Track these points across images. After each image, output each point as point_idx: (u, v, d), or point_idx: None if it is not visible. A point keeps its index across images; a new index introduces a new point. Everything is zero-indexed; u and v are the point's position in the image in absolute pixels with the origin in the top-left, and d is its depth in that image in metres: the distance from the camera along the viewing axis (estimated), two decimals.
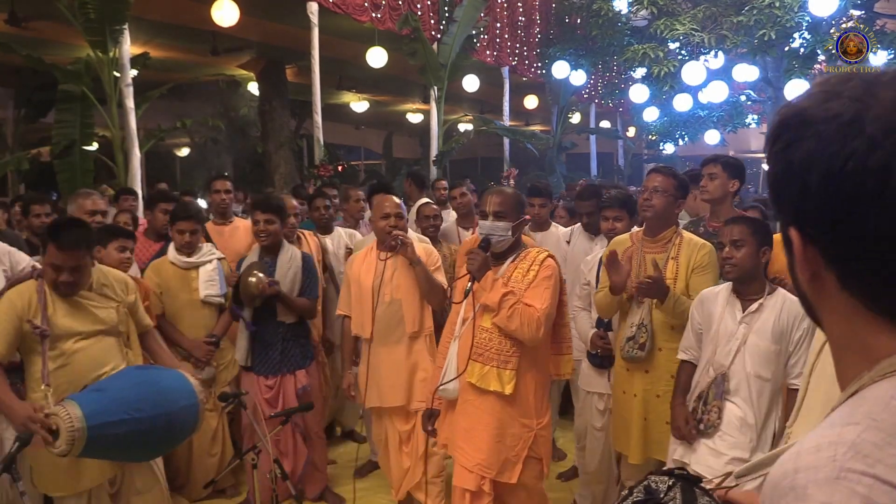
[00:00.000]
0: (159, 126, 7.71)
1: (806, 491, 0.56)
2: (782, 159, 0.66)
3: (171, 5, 8.12)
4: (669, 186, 3.07)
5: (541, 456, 2.78)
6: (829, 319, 0.71)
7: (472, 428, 2.75)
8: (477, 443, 2.72)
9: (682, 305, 2.92)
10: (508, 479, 2.72)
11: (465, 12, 9.92)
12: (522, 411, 2.73)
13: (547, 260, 2.75)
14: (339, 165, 9.84)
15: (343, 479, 4.23)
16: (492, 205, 2.75)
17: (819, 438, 0.60)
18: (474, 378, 2.71)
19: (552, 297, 2.69)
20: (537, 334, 2.63)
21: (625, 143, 17.36)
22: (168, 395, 2.75)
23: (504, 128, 11.74)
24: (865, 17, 9.70)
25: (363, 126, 18.82)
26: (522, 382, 2.72)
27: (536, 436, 2.75)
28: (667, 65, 10.25)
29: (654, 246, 3.11)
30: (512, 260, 2.79)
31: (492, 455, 2.70)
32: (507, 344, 2.69)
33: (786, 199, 0.67)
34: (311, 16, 7.89)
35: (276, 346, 3.67)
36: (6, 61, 8.37)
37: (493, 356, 2.70)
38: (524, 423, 2.73)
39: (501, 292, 2.64)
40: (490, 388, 2.69)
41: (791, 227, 0.67)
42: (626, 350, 3.07)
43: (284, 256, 3.71)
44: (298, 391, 3.71)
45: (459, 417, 2.80)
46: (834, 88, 0.65)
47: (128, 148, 6.53)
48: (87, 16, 6.10)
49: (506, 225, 2.73)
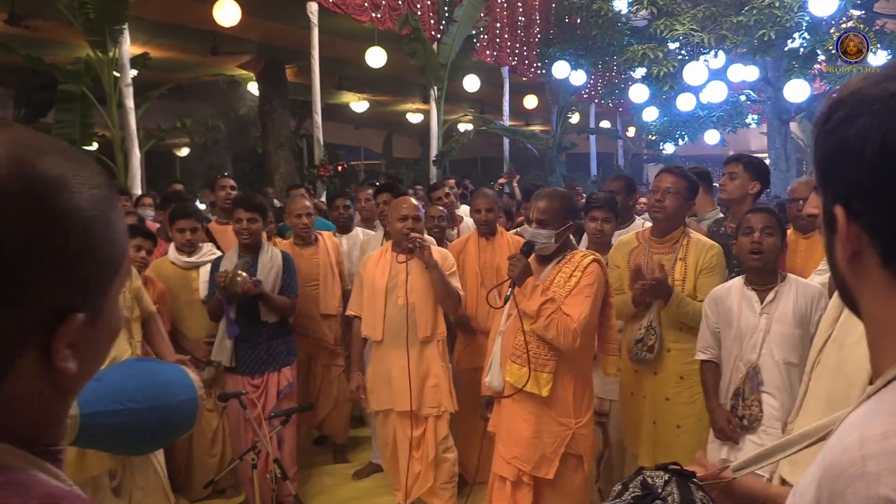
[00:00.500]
0: (159, 126, 7.71)
1: (880, 478, 0.57)
2: (836, 135, 0.68)
3: (171, 5, 8.12)
4: (681, 187, 3.05)
5: (580, 453, 2.78)
6: (867, 301, 0.71)
7: (511, 422, 2.80)
8: (515, 437, 2.77)
9: (686, 307, 2.91)
10: (545, 474, 2.74)
11: (465, 12, 9.92)
12: (561, 411, 2.74)
13: (591, 265, 2.70)
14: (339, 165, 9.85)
15: (344, 480, 4.24)
16: (535, 211, 2.75)
17: (884, 426, 0.61)
18: (512, 378, 2.75)
19: (592, 305, 2.67)
20: (573, 345, 2.62)
21: (625, 143, 17.36)
22: (166, 387, 2.75)
23: (504, 128, 11.75)
24: (865, 17, 9.70)
25: (363, 126, 18.82)
26: (560, 384, 2.73)
27: (575, 434, 2.75)
28: (666, 65, 10.24)
29: (662, 247, 3.09)
30: (557, 262, 2.77)
31: (529, 450, 2.73)
32: (544, 348, 2.70)
33: (836, 175, 0.69)
34: (311, 16, 7.89)
35: (261, 346, 3.66)
36: (6, 61, 8.36)
37: (530, 359, 2.71)
38: (562, 423, 2.74)
39: (540, 301, 2.63)
40: (528, 390, 2.71)
41: (837, 204, 0.69)
42: (635, 352, 3.05)
43: (265, 256, 3.69)
44: (283, 389, 3.70)
45: (504, 410, 2.86)
46: (889, 72, 0.68)
47: (128, 148, 6.53)
48: (87, 16, 6.11)
49: (548, 233, 2.72)
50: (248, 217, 3.63)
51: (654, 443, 3.05)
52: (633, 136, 18.14)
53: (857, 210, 0.67)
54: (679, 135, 12.19)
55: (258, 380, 3.67)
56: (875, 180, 0.65)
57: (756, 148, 17.79)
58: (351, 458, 4.55)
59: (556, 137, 13.78)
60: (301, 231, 4.24)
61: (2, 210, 0.56)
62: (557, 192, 2.89)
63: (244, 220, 3.63)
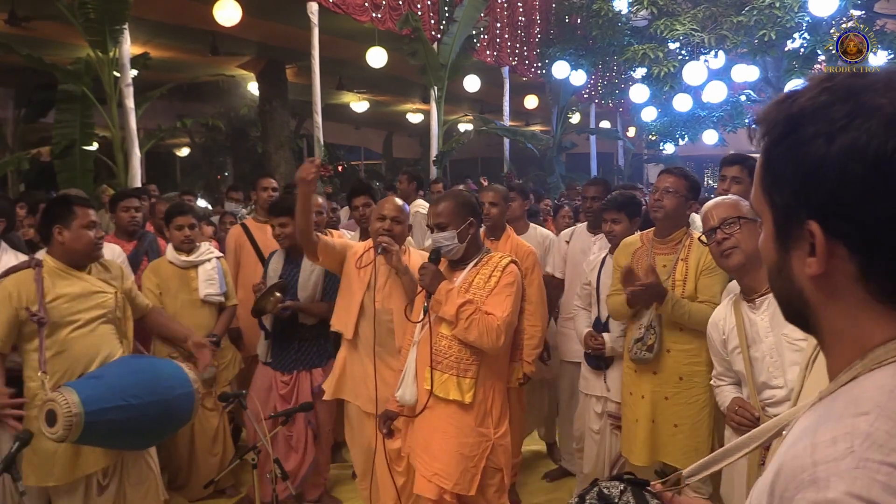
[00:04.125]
0: (159, 126, 7.72)
1: (829, 483, 0.58)
2: (814, 150, 0.66)
3: (171, 5, 8.12)
4: (681, 187, 3.03)
5: (500, 466, 2.70)
6: (830, 315, 0.71)
7: (430, 436, 2.69)
8: (434, 451, 2.67)
9: (682, 309, 2.89)
10: (467, 490, 2.63)
11: (465, 12, 9.92)
12: (480, 420, 2.67)
13: (509, 266, 2.68)
14: (339, 165, 9.85)
15: (344, 480, 4.24)
16: (431, 216, 2.71)
17: (833, 431, 0.62)
18: (433, 386, 2.65)
19: (514, 304, 2.63)
20: (498, 343, 2.57)
21: (625, 143, 17.36)
22: (164, 382, 2.77)
23: (504, 128, 11.74)
24: (865, 17, 9.70)
25: (363, 126, 18.82)
26: (482, 391, 2.66)
27: (494, 445, 2.67)
28: (667, 65, 10.24)
29: (664, 247, 3.07)
30: (473, 265, 2.72)
31: (450, 465, 2.63)
32: (466, 352, 2.63)
33: (813, 192, 0.67)
34: (311, 16, 7.89)
35: (292, 345, 3.74)
36: (6, 61, 8.36)
37: (452, 364, 2.64)
38: (482, 433, 2.66)
39: (457, 304, 2.57)
40: (450, 397, 2.63)
41: (811, 220, 0.68)
42: (634, 351, 3.03)
43: (307, 262, 3.68)
44: (314, 389, 3.73)
45: (419, 425, 2.74)
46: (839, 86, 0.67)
47: (128, 148, 6.52)
48: (87, 16, 6.10)
49: (450, 234, 2.67)
50: (279, 223, 3.73)
51: (652, 442, 3.04)
52: (633, 136, 18.13)
53: (837, 227, 0.66)
54: (679, 135, 12.18)
55: (287, 377, 3.73)
56: (864, 198, 0.64)
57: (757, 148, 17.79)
58: (348, 458, 4.54)
59: (556, 137, 13.78)
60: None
61: None
62: (453, 193, 2.88)
63: (276, 226, 3.75)
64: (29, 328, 2.72)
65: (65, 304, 2.76)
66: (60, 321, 2.74)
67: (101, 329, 2.85)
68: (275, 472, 2.94)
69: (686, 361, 2.98)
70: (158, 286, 3.81)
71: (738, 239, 2.34)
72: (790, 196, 0.69)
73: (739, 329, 2.37)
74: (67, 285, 2.79)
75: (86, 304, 2.81)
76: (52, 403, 2.47)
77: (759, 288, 2.33)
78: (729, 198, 2.51)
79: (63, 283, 2.78)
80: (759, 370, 2.32)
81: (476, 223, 2.75)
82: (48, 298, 2.72)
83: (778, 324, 2.27)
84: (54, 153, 6.60)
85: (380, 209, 3.21)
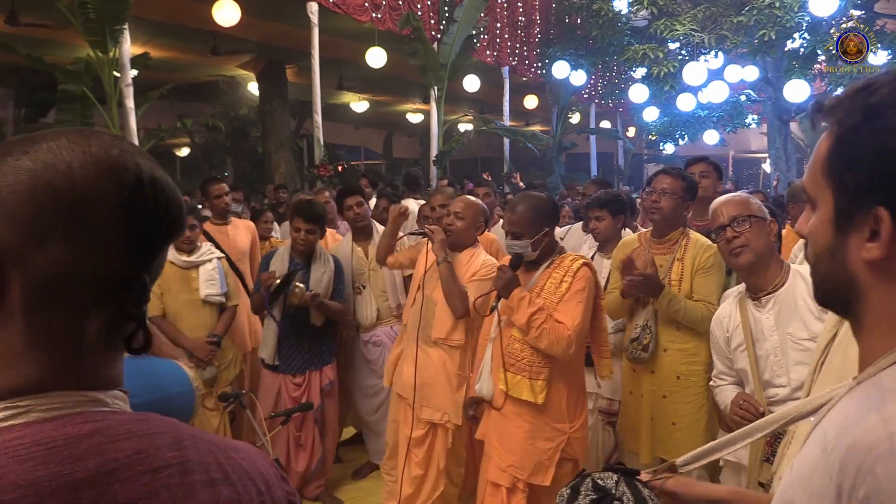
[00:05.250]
0: (159, 126, 7.72)
1: None
2: (888, 143, 0.70)
3: (171, 5, 8.13)
4: (678, 188, 3.05)
5: (575, 457, 2.74)
6: (877, 298, 0.75)
7: (505, 431, 2.74)
8: (509, 445, 2.71)
9: (678, 305, 2.90)
10: (542, 481, 2.67)
11: (465, 12, 9.93)
12: (555, 417, 2.69)
13: (581, 270, 2.66)
14: (339, 165, 9.86)
15: (344, 480, 4.24)
16: (507, 223, 2.76)
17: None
18: (506, 386, 2.70)
19: (585, 311, 2.62)
20: (568, 352, 2.58)
21: (625, 143, 17.37)
22: (162, 381, 2.76)
23: (504, 128, 11.75)
24: (865, 17, 9.70)
25: (363, 126, 18.83)
26: (555, 389, 2.68)
27: (570, 438, 2.71)
28: (667, 65, 10.25)
29: (661, 247, 3.10)
30: (546, 267, 2.73)
31: (524, 458, 2.68)
32: (538, 357, 2.65)
33: (887, 180, 0.71)
34: (311, 16, 7.90)
35: (304, 345, 3.72)
36: (6, 61, 8.36)
37: (524, 367, 2.68)
38: (557, 428, 2.69)
39: (528, 313, 2.58)
40: (522, 398, 2.67)
41: (880, 206, 0.71)
42: (631, 351, 3.06)
43: (318, 263, 3.71)
44: (325, 387, 3.74)
45: (495, 417, 2.79)
46: None
47: None
48: (88, 16, 6.11)
49: (524, 243, 2.68)
50: (307, 228, 3.64)
51: (652, 439, 3.06)
52: (633, 136, 18.14)
53: None
54: (679, 135, 12.19)
55: (300, 378, 3.71)
56: None
57: (756, 148, 17.81)
58: (345, 458, 4.55)
59: (556, 137, 13.79)
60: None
61: None
62: (529, 199, 2.82)
63: (303, 230, 3.65)
64: None
65: None
66: None
67: None
68: None
69: (683, 361, 3.00)
70: (159, 286, 3.80)
71: (748, 237, 2.30)
72: (865, 180, 0.73)
73: (745, 327, 2.34)
74: None
75: None
76: None
77: (766, 286, 2.31)
78: (738, 195, 2.47)
79: None
80: (762, 368, 2.31)
81: (551, 231, 2.76)
82: None
83: (783, 323, 2.26)
84: None
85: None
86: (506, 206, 5.65)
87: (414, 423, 3.31)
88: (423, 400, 3.26)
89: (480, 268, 3.16)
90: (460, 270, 3.19)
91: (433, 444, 3.28)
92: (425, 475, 3.28)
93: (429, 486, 3.28)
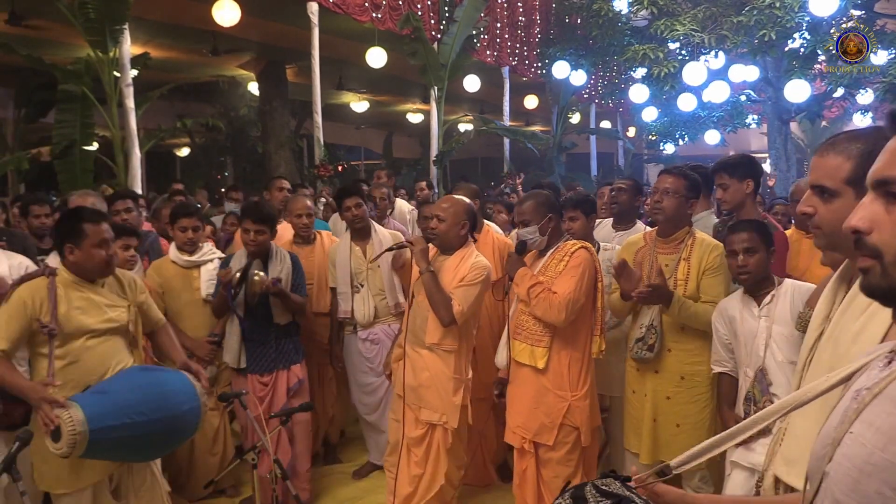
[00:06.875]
0: (159, 126, 7.72)
1: None
2: None
3: (171, 5, 8.12)
4: (680, 187, 3.05)
5: (577, 425, 3.01)
6: None
7: (514, 395, 3.15)
8: (518, 407, 3.12)
9: (689, 310, 2.90)
10: (546, 441, 3.02)
11: (465, 12, 9.92)
12: (556, 383, 3.01)
13: (577, 251, 3.03)
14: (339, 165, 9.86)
15: (344, 480, 4.24)
16: (518, 214, 3.18)
17: None
18: (515, 353, 3.12)
19: (577, 283, 2.94)
20: (560, 317, 2.92)
21: (625, 143, 17.37)
22: (171, 398, 2.75)
23: (504, 128, 11.74)
24: (865, 17, 9.69)
25: (363, 126, 18.82)
26: (556, 358, 3.02)
27: (571, 406, 3.00)
28: (667, 65, 10.24)
29: (667, 247, 3.09)
30: (551, 252, 3.10)
31: (529, 420, 3.06)
32: (539, 325, 3.03)
33: None
34: (311, 16, 7.90)
35: (270, 344, 3.69)
36: (6, 61, 8.36)
37: (528, 335, 3.07)
38: (559, 395, 3.01)
39: (528, 284, 2.99)
40: (525, 363, 3.05)
41: None
42: (635, 351, 3.07)
43: (275, 260, 3.73)
44: (293, 387, 3.71)
45: (510, 385, 3.19)
46: None
47: (128, 148, 6.53)
48: (88, 16, 6.11)
49: (532, 229, 3.07)
50: (255, 229, 3.63)
51: (654, 441, 3.05)
52: (634, 137, 18.14)
53: None
54: (679, 135, 12.18)
55: (267, 377, 3.68)
56: None
57: (756, 148, 17.80)
58: (344, 458, 4.54)
59: (556, 137, 13.78)
60: (301, 230, 4.28)
61: None
62: (534, 193, 3.33)
63: (252, 231, 3.63)
64: (40, 337, 2.71)
65: (77, 316, 2.72)
66: (73, 332, 2.71)
67: (113, 341, 2.81)
68: (275, 472, 2.94)
69: (688, 361, 2.99)
70: (161, 286, 3.81)
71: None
72: None
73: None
74: (80, 297, 2.75)
75: (99, 316, 2.77)
76: (58, 420, 2.46)
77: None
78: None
79: (76, 295, 2.75)
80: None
81: (556, 218, 3.14)
82: (61, 309, 2.69)
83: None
84: (54, 153, 6.60)
85: (433, 208, 3.51)
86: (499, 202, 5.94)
87: (413, 423, 3.33)
88: (419, 402, 3.27)
89: (469, 272, 3.20)
90: (448, 276, 3.23)
91: (432, 443, 3.29)
92: (423, 474, 3.30)
93: (426, 485, 3.29)
